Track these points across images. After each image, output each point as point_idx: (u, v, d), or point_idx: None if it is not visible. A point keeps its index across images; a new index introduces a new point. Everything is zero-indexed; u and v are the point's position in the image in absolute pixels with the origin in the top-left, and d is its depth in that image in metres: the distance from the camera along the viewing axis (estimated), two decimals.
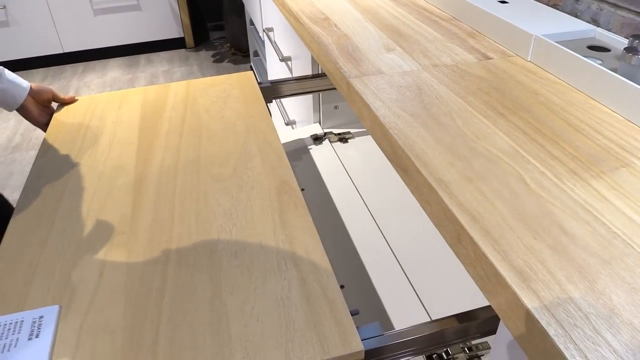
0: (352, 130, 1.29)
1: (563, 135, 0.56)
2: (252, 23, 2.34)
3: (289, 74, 1.57)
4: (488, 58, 0.76)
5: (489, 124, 0.59)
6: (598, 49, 0.70)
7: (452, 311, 0.62)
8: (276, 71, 1.80)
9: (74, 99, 1.03)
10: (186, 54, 3.33)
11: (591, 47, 0.71)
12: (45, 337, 0.53)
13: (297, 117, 1.50)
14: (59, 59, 3.19)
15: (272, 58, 1.81)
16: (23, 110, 0.96)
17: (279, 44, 1.61)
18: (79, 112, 0.97)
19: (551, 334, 0.34)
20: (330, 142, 1.25)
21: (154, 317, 0.56)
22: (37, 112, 0.98)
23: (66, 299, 0.58)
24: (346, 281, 0.86)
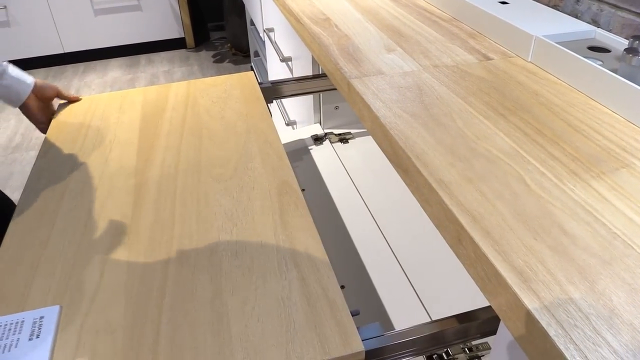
0: (352, 131, 1.29)
1: (563, 136, 0.56)
2: (252, 23, 2.34)
3: (289, 74, 1.57)
4: (488, 59, 0.76)
5: (489, 124, 0.59)
6: (598, 49, 0.70)
7: (453, 312, 0.62)
8: (277, 71, 1.80)
9: (78, 98, 1.02)
10: (187, 54, 3.33)
11: (591, 48, 0.71)
12: (45, 337, 0.53)
13: (297, 118, 1.50)
14: (59, 59, 3.19)
15: (272, 58, 1.81)
16: (24, 108, 0.94)
17: (279, 44, 1.61)
18: (79, 113, 0.97)
19: (551, 334, 0.34)
20: (331, 142, 1.25)
21: (155, 317, 0.56)
22: (36, 110, 0.96)
23: (67, 299, 0.58)
24: (347, 281, 0.86)
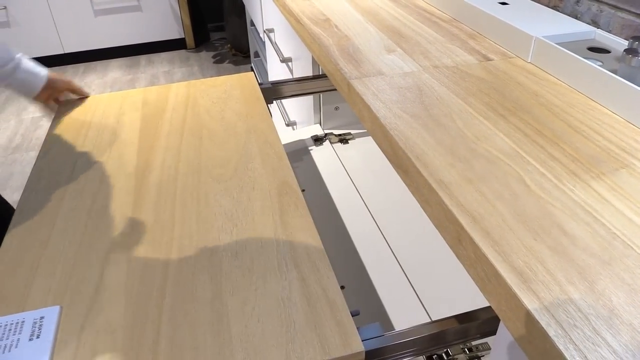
0: (352, 131, 1.29)
1: (563, 136, 0.56)
2: (252, 24, 2.34)
3: (289, 74, 1.57)
4: (488, 59, 0.76)
5: (489, 125, 0.59)
6: (598, 50, 0.70)
7: (453, 312, 0.62)
8: (277, 72, 1.80)
9: (87, 95, 1.04)
10: (187, 54, 3.33)
11: (591, 49, 0.71)
12: (46, 337, 0.53)
13: (297, 118, 1.50)
14: (59, 60, 3.19)
15: (272, 59, 1.81)
16: (36, 99, 0.98)
17: (279, 44, 1.61)
18: (80, 113, 0.97)
19: (551, 334, 0.34)
20: (331, 143, 1.25)
21: (155, 317, 0.56)
22: (49, 102, 1.00)
23: (67, 299, 0.58)
24: (347, 282, 0.86)
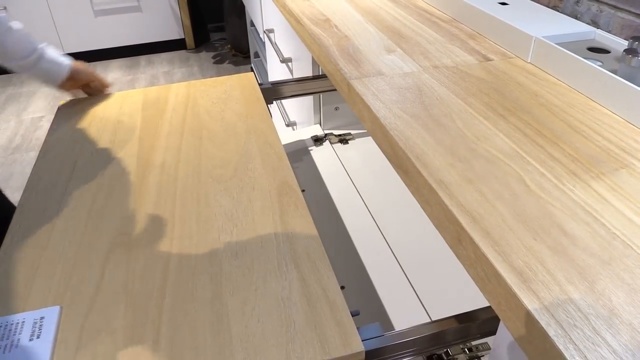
0: (352, 132, 1.29)
1: (563, 136, 0.56)
2: (252, 24, 2.34)
3: (289, 75, 1.57)
4: (488, 59, 0.76)
5: (489, 125, 0.59)
6: (598, 50, 0.70)
7: (452, 312, 0.62)
8: (277, 72, 1.80)
9: (108, 86, 1.05)
10: (187, 55, 3.33)
11: (591, 49, 0.71)
12: (46, 337, 0.54)
13: (297, 119, 1.51)
14: None
15: (272, 59, 1.81)
16: (59, 88, 1.00)
17: (279, 45, 1.61)
18: (80, 113, 0.97)
19: (551, 334, 0.34)
20: (331, 143, 1.25)
21: (155, 317, 0.56)
22: (71, 91, 1.02)
23: (67, 299, 0.58)
24: (347, 282, 0.86)
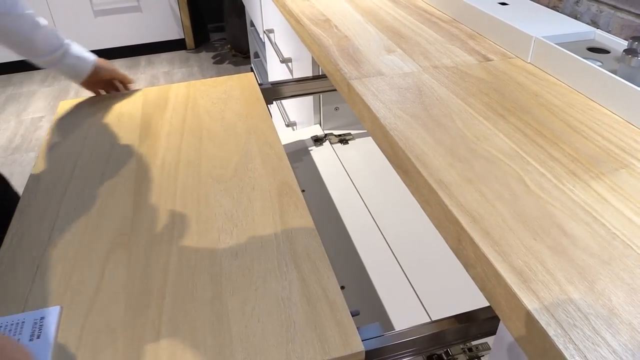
0: (352, 132, 1.29)
1: (563, 136, 0.56)
2: (252, 24, 2.34)
3: (289, 75, 1.57)
4: (488, 60, 0.76)
5: (489, 125, 0.59)
6: (598, 50, 0.70)
7: (452, 312, 0.62)
8: (277, 72, 1.80)
9: (131, 83, 1.06)
10: (186, 55, 3.33)
11: (591, 49, 0.71)
12: (46, 337, 0.54)
13: (297, 119, 1.51)
14: None
15: (272, 59, 1.81)
16: (83, 83, 1.00)
17: (279, 45, 1.61)
18: (79, 113, 0.97)
19: (551, 334, 0.34)
20: (331, 143, 1.25)
21: (155, 317, 0.56)
22: (93, 87, 1.02)
23: (67, 299, 0.58)
24: (347, 282, 0.86)
